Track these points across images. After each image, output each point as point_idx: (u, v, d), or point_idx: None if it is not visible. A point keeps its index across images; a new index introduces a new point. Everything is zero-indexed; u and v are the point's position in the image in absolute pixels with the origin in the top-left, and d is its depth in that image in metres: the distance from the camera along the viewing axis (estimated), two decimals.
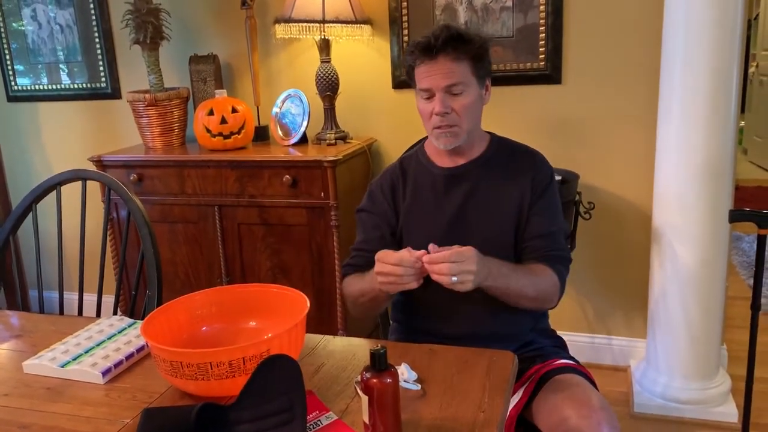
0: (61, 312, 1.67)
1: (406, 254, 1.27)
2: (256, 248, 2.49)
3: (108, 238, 2.64)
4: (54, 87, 3.10)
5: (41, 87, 3.12)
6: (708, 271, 2.14)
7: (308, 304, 1.19)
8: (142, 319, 1.54)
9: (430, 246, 1.27)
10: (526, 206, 1.48)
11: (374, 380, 0.96)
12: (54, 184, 1.67)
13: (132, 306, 1.63)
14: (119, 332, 1.36)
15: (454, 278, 1.24)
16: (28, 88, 3.14)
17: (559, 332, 1.66)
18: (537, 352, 1.52)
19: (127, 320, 1.42)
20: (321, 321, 2.47)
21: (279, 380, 0.99)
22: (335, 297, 2.41)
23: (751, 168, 5.55)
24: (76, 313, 1.66)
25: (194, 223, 2.53)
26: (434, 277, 1.26)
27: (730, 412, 2.21)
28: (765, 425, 2.18)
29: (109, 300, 2.01)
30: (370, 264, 1.50)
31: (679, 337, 2.22)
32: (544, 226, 1.47)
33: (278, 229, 2.44)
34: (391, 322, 1.66)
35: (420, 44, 1.43)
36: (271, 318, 1.26)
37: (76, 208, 1.76)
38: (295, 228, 2.41)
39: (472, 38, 1.44)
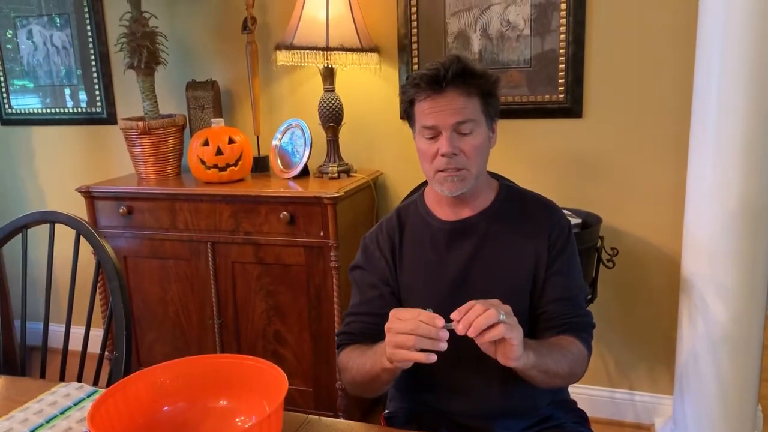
0: (23, 369, 1.50)
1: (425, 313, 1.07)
2: (251, 288, 2.31)
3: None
4: (49, 111, 2.97)
5: (35, 110, 2.99)
6: (744, 327, 1.93)
7: (287, 385, 1.00)
8: (108, 384, 1.39)
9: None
10: (543, 267, 1.28)
11: None
12: (20, 227, 1.51)
13: (99, 364, 1.46)
14: (75, 404, 1.19)
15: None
16: (22, 111, 3.02)
17: (577, 386, 1.46)
18: (556, 431, 1.33)
19: (88, 389, 1.25)
20: (318, 369, 2.29)
21: None
22: (333, 343, 2.22)
23: None
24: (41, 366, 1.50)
25: (186, 260, 2.37)
26: (471, 331, 1.03)
27: None
28: None
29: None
30: (367, 330, 1.31)
31: (711, 398, 2.00)
32: (564, 288, 1.28)
33: (274, 269, 2.27)
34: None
35: (425, 76, 1.25)
36: (243, 395, 1.09)
37: (62, 240, 1.64)
38: (293, 268, 2.24)
39: (484, 72, 1.28)
